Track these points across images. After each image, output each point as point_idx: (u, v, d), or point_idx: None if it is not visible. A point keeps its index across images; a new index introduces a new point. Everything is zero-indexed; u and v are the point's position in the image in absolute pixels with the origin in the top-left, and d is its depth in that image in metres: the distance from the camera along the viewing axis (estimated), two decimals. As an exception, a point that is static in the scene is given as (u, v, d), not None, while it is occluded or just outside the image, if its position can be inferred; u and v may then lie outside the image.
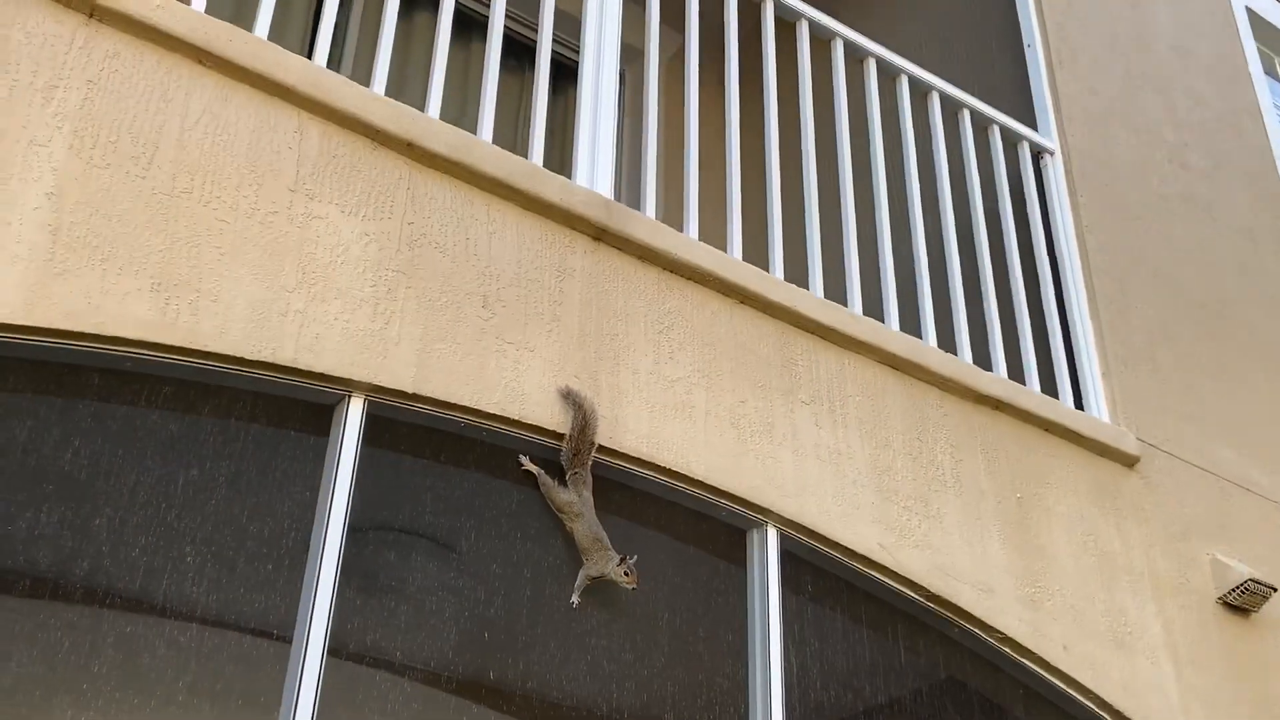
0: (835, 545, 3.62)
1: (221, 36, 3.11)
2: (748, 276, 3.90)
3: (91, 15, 2.95)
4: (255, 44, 3.17)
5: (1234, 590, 4.29)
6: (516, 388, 3.24)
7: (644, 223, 3.76)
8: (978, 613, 3.75)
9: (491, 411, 3.17)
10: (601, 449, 3.31)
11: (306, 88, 3.20)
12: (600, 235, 3.65)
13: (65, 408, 2.66)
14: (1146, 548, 4.31)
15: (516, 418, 3.21)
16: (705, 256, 3.84)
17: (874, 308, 4.29)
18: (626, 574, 3.10)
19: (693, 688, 3.28)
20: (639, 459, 3.38)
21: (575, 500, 3.14)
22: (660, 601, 3.35)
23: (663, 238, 3.77)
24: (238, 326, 2.85)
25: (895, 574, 3.68)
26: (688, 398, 3.57)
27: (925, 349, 4.23)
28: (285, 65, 3.19)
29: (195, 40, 3.06)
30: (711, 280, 3.83)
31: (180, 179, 2.93)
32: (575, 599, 3.13)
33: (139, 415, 2.75)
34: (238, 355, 2.82)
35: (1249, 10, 6.82)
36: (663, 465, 3.41)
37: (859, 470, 3.81)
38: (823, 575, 3.61)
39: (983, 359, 4.45)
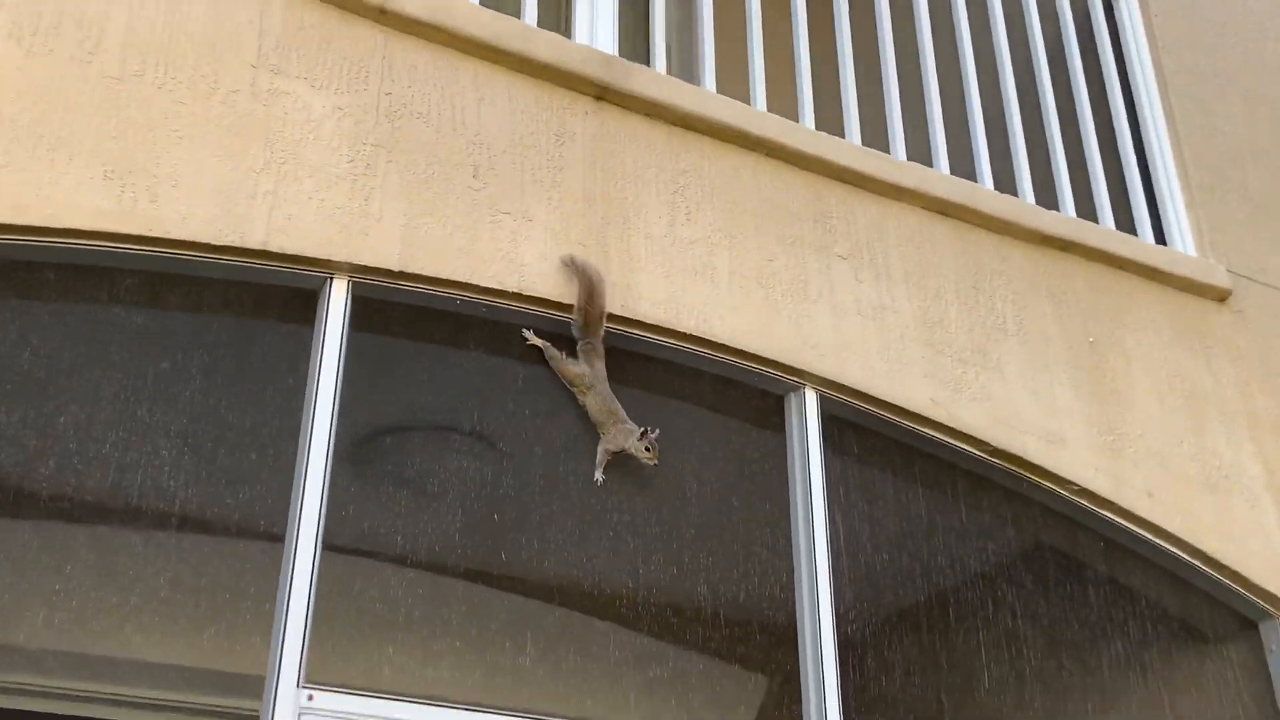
0: (882, 404, 3.35)
1: (168, -88, 2.92)
2: (773, 127, 3.61)
3: (24, -102, 2.79)
4: (205, -84, 2.97)
5: (1344, 425, 3.89)
6: (515, 259, 3.03)
7: (651, 77, 3.49)
8: (1047, 464, 3.45)
9: (488, 286, 2.97)
10: (615, 318, 3.09)
11: (264, -42, 3.00)
12: (602, 94, 3.40)
13: (21, 307, 2.55)
14: (1242, 385, 3.94)
15: (516, 290, 3.00)
16: (723, 109, 3.56)
17: (920, 152, 3.95)
18: (647, 449, 2.90)
19: (731, 559, 3.07)
20: (657, 326, 3.15)
21: (586, 373, 2.94)
22: (692, 474, 3.14)
23: (673, 92, 3.50)
24: (201, 211, 2.69)
25: (952, 430, 3.40)
26: (709, 259, 3.32)
27: (979, 191, 3.89)
28: (239, -64, 2.99)
29: (139, -83, 2.88)
30: (732, 134, 3.55)
31: (130, 62, 2.76)
32: (598, 476, 2.94)
33: (103, 311, 2.63)
34: (203, 241, 2.67)
35: None
36: (684, 331, 3.18)
37: (906, 324, 3.52)
38: (870, 436, 3.36)
39: (1048, 199, 4.08)
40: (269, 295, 2.80)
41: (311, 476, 2.59)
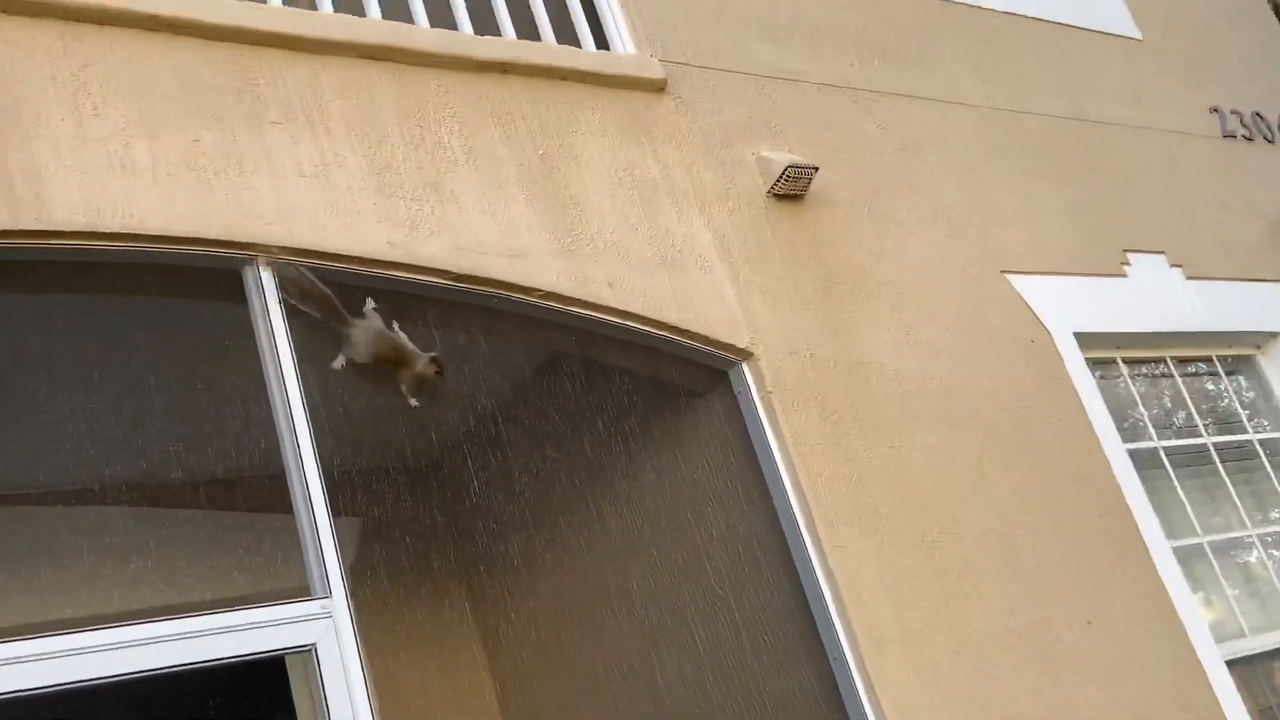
0: (338, 258, 3.48)
1: None
2: (176, 5, 3.55)
3: None
4: None
5: (779, 181, 4.37)
6: (-105, 197, 2.90)
7: (20, -26, 3.33)
8: (511, 278, 3.71)
9: None
10: (29, 234, 3.03)
11: None
12: (-32, 3, 3.23)
13: None
14: (688, 166, 4.33)
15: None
16: (115, -5, 3.46)
17: (350, 4, 4.01)
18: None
19: (212, 437, 3.17)
20: (78, 232, 3.11)
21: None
22: (157, 367, 3.18)
23: (50, -14, 3.36)
24: None
25: (415, 266, 3.59)
26: (126, 153, 3.28)
27: (411, 30, 4.01)
28: None
29: None
30: (131, 19, 3.47)
31: None
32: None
33: None
34: None
35: None
36: (109, 232, 3.15)
37: (353, 176, 3.63)
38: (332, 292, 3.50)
39: (490, 28, 4.27)
40: None
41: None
